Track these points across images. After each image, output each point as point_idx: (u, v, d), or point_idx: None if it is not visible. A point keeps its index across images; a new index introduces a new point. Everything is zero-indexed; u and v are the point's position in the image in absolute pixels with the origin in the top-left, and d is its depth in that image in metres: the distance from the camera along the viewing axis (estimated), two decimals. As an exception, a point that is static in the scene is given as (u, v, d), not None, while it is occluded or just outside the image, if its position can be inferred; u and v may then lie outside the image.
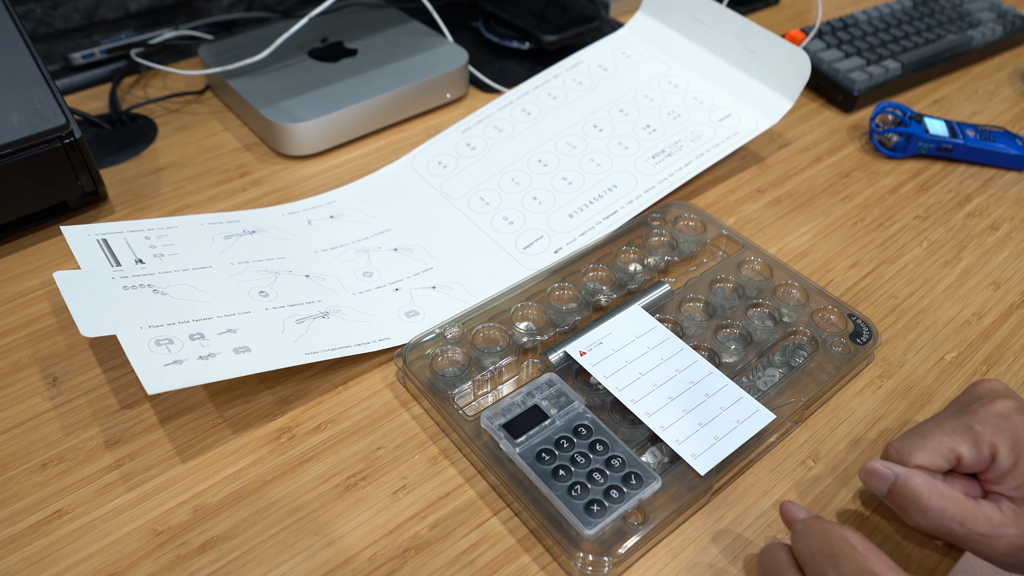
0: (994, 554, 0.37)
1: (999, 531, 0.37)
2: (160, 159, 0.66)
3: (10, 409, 0.46)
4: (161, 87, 0.75)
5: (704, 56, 0.69)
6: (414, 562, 0.40)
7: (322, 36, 0.75)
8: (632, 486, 0.41)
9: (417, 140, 0.69)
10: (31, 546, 0.40)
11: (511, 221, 0.59)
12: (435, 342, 0.49)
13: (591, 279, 0.54)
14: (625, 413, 0.45)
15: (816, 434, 0.46)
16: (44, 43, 0.74)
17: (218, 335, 0.46)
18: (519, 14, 0.79)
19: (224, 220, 0.57)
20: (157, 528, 0.41)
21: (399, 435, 0.46)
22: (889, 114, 0.70)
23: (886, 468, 0.39)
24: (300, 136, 0.65)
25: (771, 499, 0.43)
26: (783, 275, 0.54)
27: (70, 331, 0.51)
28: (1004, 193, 0.66)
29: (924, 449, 0.40)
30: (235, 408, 0.47)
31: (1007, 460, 0.38)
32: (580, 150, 0.64)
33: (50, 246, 0.57)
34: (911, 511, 0.38)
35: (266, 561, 0.40)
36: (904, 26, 0.82)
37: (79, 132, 0.55)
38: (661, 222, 0.58)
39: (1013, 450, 0.38)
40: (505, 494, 0.43)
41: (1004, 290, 0.56)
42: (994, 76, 0.82)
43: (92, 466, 0.44)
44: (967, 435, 0.39)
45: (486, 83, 0.75)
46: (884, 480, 0.39)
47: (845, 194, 0.65)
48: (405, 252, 0.57)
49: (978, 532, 0.37)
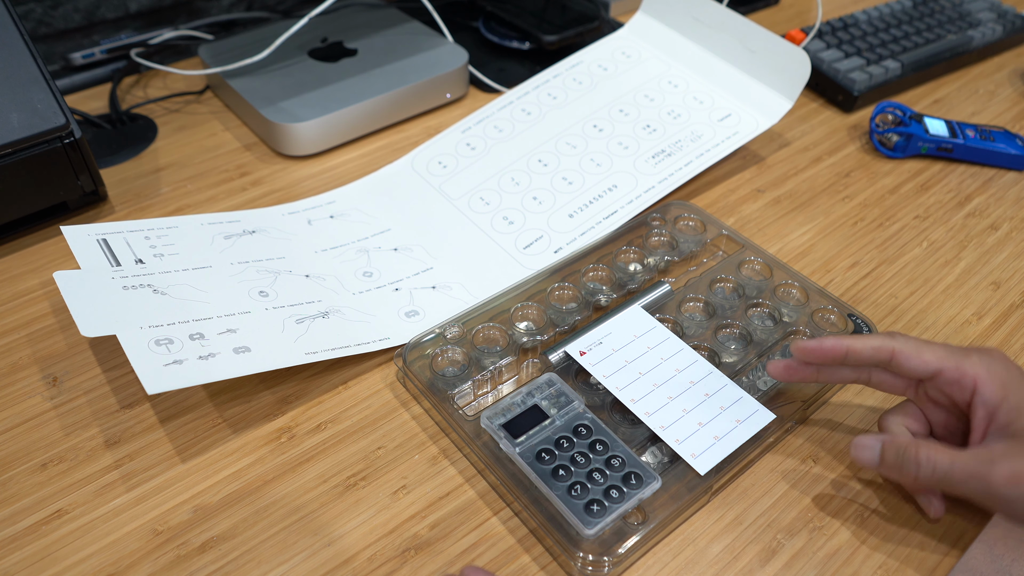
0: (993, 489, 0.37)
1: (991, 464, 0.37)
2: (160, 159, 0.66)
3: (10, 409, 0.46)
4: (161, 87, 0.75)
5: (704, 56, 0.69)
6: (414, 562, 0.40)
7: (322, 36, 0.75)
8: (632, 486, 0.41)
9: (417, 140, 0.69)
10: (31, 546, 0.40)
11: (511, 221, 0.59)
12: (435, 342, 0.49)
13: (591, 279, 0.54)
14: (625, 413, 0.45)
15: (816, 434, 0.46)
16: (44, 43, 0.74)
17: (218, 335, 0.46)
18: (519, 14, 0.79)
19: (224, 220, 0.57)
20: (157, 528, 0.41)
21: (399, 435, 0.46)
22: (889, 114, 0.69)
23: (872, 438, 0.41)
24: (300, 136, 0.65)
25: (771, 499, 0.43)
26: (783, 275, 0.54)
27: (70, 331, 0.51)
28: (1004, 193, 0.66)
29: (904, 413, 0.43)
30: (235, 408, 0.47)
31: (991, 394, 0.40)
32: (580, 150, 0.64)
33: (50, 246, 0.57)
34: (905, 467, 0.39)
35: (266, 561, 0.40)
36: (904, 26, 0.82)
37: (79, 132, 0.56)
38: (661, 222, 0.58)
39: (1000, 387, 0.40)
40: (505, 494, 0.43)
41: (1004, 290, 0.56)
42: (994, 76, 0.82)
43: (92, 466, 0.44)
44: (953, 358, 0.41)
45: (486, 83, 0.75)
46: (872, 449, 0.41)
47: (845, 194, 0.65)
48: (405, 252, 0.57)
49: (970, 470, 0.38)
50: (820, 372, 0.44)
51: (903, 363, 0.42)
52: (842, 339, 0.43)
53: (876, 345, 0.42)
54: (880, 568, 0.40)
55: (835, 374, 0.44)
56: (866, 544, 0.41)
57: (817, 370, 0.44)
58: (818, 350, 0.43)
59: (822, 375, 0.44)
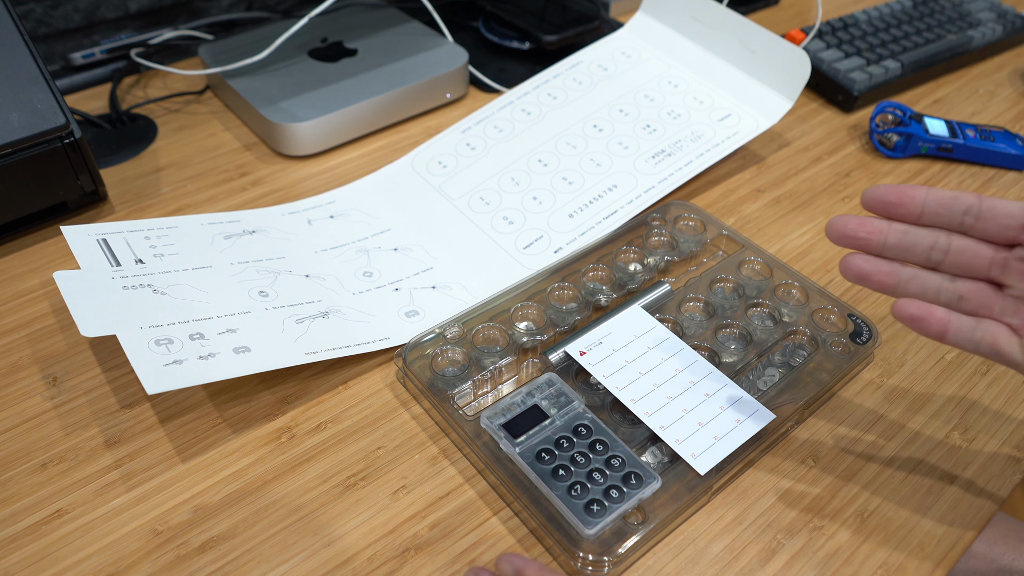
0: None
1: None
2: (160, 159, 0.66)
3: (10, 409, 0.46)
4: (161, 87, 0.75)
5: (704, 56, 0.69)
6: (414, 562, 0.40)
7: (322, 36, 0.75)
8: (632, 486, 0.41)
9: (417, 140, 0.69)
10: (31, 546, 0.40)
11: (511, 221, 0.59)
12: (435, 342, 0.49)
13: (591, 279, 0.54)
14: (625, 413, 0.45)
15: (816, 434, 0.46)
16: (44, 43, 0.74)
17: (218, 335, 0.46)
18: (519, 14, 0.79)
19: (224, 220, 0.57)
20: (157, 528, 0.41)
21: (399, 435, 0.46)
22: (889, 114, 0.69)
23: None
24: (300, 136, 0.65)
25: (771, 499, 0.43)
26: (783, 275, 0.54)
27: (70, 331, 0.51)
28: (1004, 193, 0.66)
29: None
30: (235, 408, 0.47)
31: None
32: (580, 150, 0.64)
33: (50, 246, 0.57)
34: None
35: (266, 561, 0.40)
36: (904, 26, 0.82)
37: (79, 132, 0.56)
38: (661, 222, 0.58)
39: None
40: (505, 494, 0.43)
41: (1004, 290, 0.56)
42: (994, 76, 0.82)
43: (92, 466, 0.44)
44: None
45: (486, 83, 0.75)
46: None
47: (845, 194, 0.65)
48: (405, 252, 0.57)
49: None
50: (889, 246, 0.38)
51: (992, 207, 0.36)
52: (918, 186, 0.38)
53: (957, 193, 0.37)
54: (880, 568, 0.40)
55: (910, 243, 0.38)
56: (866, 544, 0.41)
57: (886, 237, 0.38)
58: (894, 190, 0.38)
59: (891, 250, 0.38)
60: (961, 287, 0.38)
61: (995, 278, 0.38)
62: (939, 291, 0.38)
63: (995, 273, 0.37)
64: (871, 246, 0.39)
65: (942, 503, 0.43)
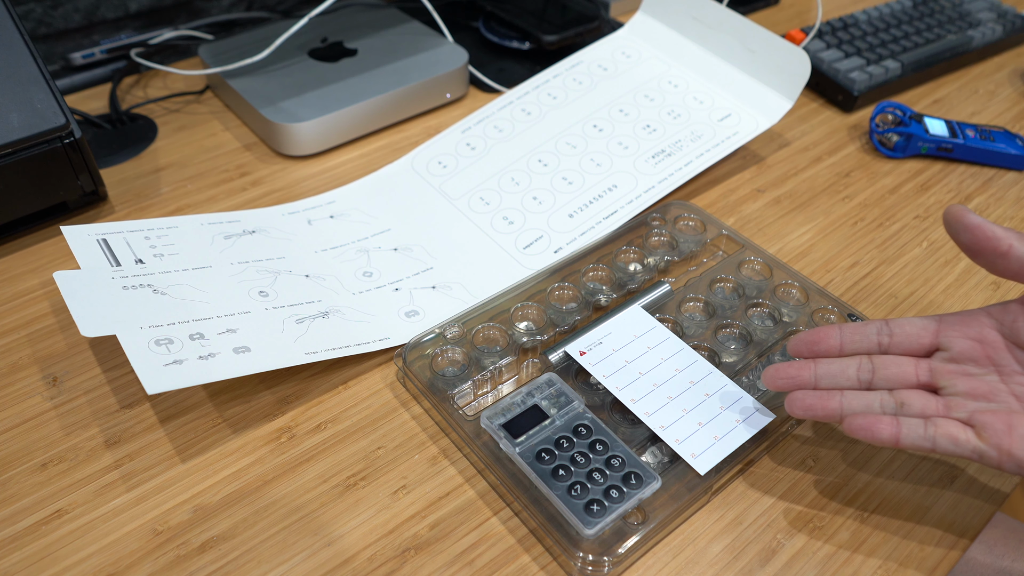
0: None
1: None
2: (160, 159, 0.66)
3: (10, 409, 0.46)
4: (161, 87, 0.75)
5: (704, 56, 0.69)
6: (414, 562, 0.40)
7: (322, 36, 0.75)
8: (632, 486, 0.41)
9: (417, 140, 0.69)
10: (31, 546, 0.40)
11: (511, 221, 0.59)
12: (435, 342, 0.49)
13: (591, 279, 0.54)
14: (625, 413, 0.45)
15: (816, 434, 0.46)
16: (44, 43, 0.74)
17: (218, 335, 0.46)
18: (519, 14, 0.79)
19: (224, 220, 0.57)
20: (157, 528, 0.41)
21: (399, 435, 0.46)
22: (889, 114, 0.70)
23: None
24: (300, 136, 0.65)
25: (771, 499, 0.43)
26: (783, 275, 0.54)
27: (70, 331, 0.51)
28: (1004, 193, 0.66)
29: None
30: (235, 408, 0.47)
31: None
32: (580, 150, 0.64)
33: (50, 246, 0.58)
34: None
35: (266, 561, 0.40)
36: (904, 26, 0.82)
37: (79, 132, 0.56)
38: (661, 222, 0.58)
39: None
40: (505, 494, 0.43)
41: (1004, 290, 0.56)
42: (994, 76, 0.82)
43: (92, 466, 0.44)
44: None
45: (486, 83, 0.75)
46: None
47: (845, 194, 0.65)
48: (405, 252, 0.57)
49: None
50: (820, 376, 0.41)
51: (901, 326, 0.41)
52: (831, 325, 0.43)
53: (865, 321, 0.42)
54: (880, 568, 0.40)
55: (837, 369, 0.41)
56: (866, 544, 0.41)
57: (815, 371, 0.42)
58: (812, 333, 0.42)
59: (823, 379, 0.41)
60: (900, 395, 0.40)
61: (927, 383, 0.40)
62: (881, 403, 0.40)
63: (925, 379, 0.40)
64: (804, 381, 0.42)
65: (942, 503, 0.43)
